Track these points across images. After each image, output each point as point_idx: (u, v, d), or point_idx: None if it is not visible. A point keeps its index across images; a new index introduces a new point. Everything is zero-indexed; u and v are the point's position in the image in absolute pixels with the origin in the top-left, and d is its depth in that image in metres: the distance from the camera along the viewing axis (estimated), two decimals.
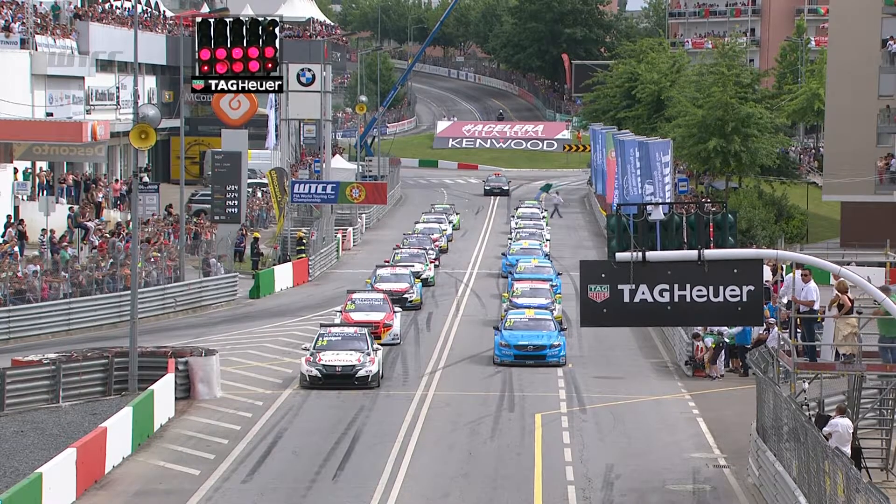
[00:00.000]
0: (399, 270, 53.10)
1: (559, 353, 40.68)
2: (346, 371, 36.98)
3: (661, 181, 57.17)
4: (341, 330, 38.76)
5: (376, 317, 44.16)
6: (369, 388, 36.79)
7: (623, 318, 25.26)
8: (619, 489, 28.08)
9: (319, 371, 37.02)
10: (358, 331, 38.50)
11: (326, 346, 37.80)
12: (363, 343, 37.93)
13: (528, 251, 62.36)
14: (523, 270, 54.31)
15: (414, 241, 65.02)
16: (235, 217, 60.70)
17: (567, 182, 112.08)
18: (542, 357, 40.50)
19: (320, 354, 37.49)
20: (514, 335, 41.04)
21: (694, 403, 36.70)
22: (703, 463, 30.42)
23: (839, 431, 25.21)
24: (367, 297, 45.75)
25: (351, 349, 37.58)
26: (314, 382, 36.94)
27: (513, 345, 40.64)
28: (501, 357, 40.62)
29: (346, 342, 37.95)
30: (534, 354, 40.47)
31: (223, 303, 54.42)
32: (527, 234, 68.89)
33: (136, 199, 40.41)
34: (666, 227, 25.19)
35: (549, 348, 40.65)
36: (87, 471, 27.50)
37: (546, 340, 40.84)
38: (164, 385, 33.97)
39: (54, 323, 46.77)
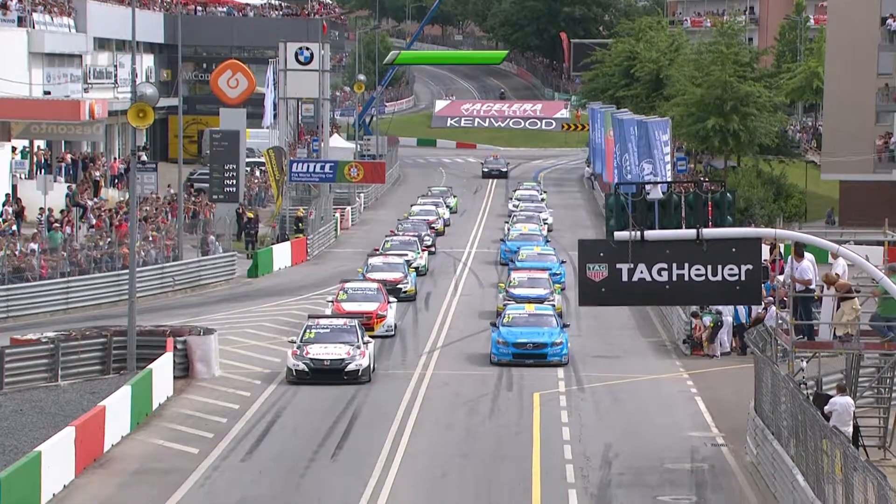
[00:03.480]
0: (392, 259, 50.36)
1: (561, 351, 38.08)
2: (335, 365, 35.14)
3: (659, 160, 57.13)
4: (330, 322, 36.91)
5: (370, 307, 42.08)
6: (359, 384, 34.98)
7: (621, 297, 25.28)
8: (618, 468, 28.15)
9: (307, 365, 35.18)
10: (348, 323, 36.69)
11: (314, 339, 35.94)
12: (353, 336, 36.03)
13: (529, 237, 59.39)
14: (525, 258, 51.57)
15: (409, 227, 62.98)
16: (234, 196, 60.65)
17: (565, 161, 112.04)
18: (543, 356, 37.88)
19: (308, 347, 35.62)
20: (513, 332, 38.29)
21: (692, 382, 36.76)
22: (701, 442, 30.48)
23: (838, 410, 25.25)
24: (361, 287, 43.79)
25: (340, 342, 35.74)
26: (301, 377, 35.13)
27: (511, 342, 38.04)
28: (499, 356, 38.01)
29: (335, 335, 36.04)
30: (533, 353, 37.89)
31: (222, 282, 54.42)
32: (524, 218, 66.46)
33: (134, 178, 40.38)
34: (664, 206, 25.17)
35: (550, 346, 38.04)
36: (86, 449, 27.56)
37: (547, 338, 38.18)
38: (163, 364, 34.01)
39: (53, 302, 46.79)
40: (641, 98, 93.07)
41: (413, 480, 27.08)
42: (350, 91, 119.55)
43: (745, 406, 30.12)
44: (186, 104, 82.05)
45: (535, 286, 45.33)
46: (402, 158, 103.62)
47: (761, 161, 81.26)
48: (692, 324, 40.52)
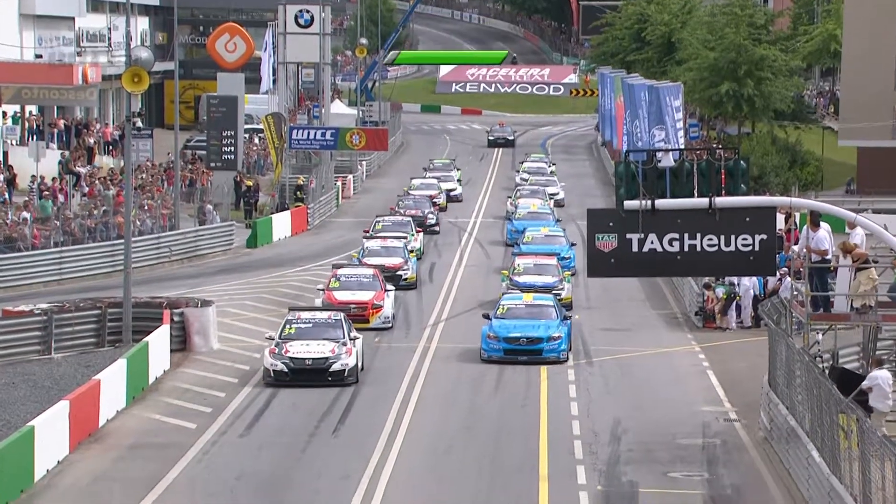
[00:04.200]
0: (391, 243, 46.72)
1: (559, 346, 35.24)
2: (318, 365, 32.30)
3: (671, 127, 57.08)
4: (312, 316, 34.02)
5: (364, 296, 39.32)
6: (346, 385, 32.30)
7: (631, 268, 25.31)
8: (627, 443, 28.23)
9: (286, 365, 32.32)
10: (332, 316, 33.90)
11: (295, 335, 33.08)
12: (338, 331, 33.25)
13: (538, 215, 55.92)
14: (531, 241, 48.51)
15: (410, 204, 59.75)
16: (232, 164, 60.64)
17: (574, 128, 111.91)
18: (538, 352, 35.03)
19: (287, 345, 32.76)
20: (505, 325, 35.48)
21: (704, 356, 36.83)
22: (713, 417, 30.56)
23: (879, 384, 25.11)
24: (355, 274, 40.74)
25: (324, 338, 32.91)
26: (280, 378, 32.29)
27: (502, 337, 35.22)
28: (489, 352, 35.23)
29: (319, 330, 33.25)
30: (527, 349, 35.01)
31: (220, 252, 54.48)
32: (528, 192, 63.63)
33: (129, 145, 40.38)
34: (676, 174, 25.17)
35: (546, 341, 35.15)
36: (81, 424, 27.66)
37: (543, 332, 35.26)
38: (159, 337, 34.09)
39: (46, 272, 46.87)
40: (653, 62, 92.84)
41: (416, 456, 27.17)
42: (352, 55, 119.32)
43: (759, 380, 30.18)
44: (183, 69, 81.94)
45: (543, 273, 42.33)
46: (405, 125, 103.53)
47: (776, 127, 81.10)
48: (704, 296, 40.56)
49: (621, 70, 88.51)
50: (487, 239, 57.89)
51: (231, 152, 60.17)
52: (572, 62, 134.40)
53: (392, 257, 45.60)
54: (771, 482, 25.64)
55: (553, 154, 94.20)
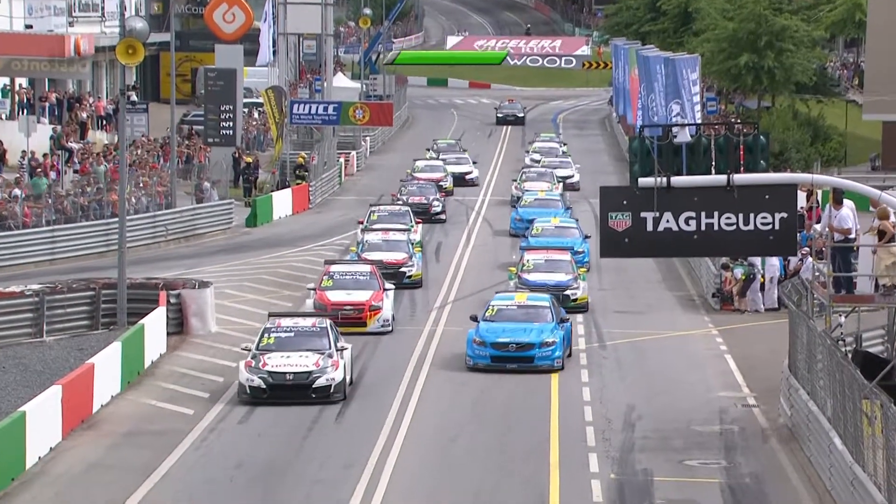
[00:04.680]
0: (393, 236, 43.94)
1: (553, 353, 32.71)
2: (300, 380, 29.60)
3: (688, 100, 56.99)
4: (294, 323, 31.06)
5: (361, 297, 36.71)
6: (332, 403, 29.63)
7: (646, 248, 25.32)
8: (641, 430, 28.26)
9: (263, 380, 29.58)
10: (317, 324, 31.07)
11: (274, 346, 30.38)
12: (324, 340, 30.49)
13: (546, 202, 53.17)
14: (540, 233, 45.52)
15: (414, 190, 57.26)
16: (230, 139, 60.62)
17: (586, 102, 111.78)
18: (529, 360, 32.66)
19: (265, 357, 29.99)
20: (494, 329, 33.02)
21: (722, 339, 36.84)
22: (731, 402, 30.58)
23: None
24: (350, 271, 38.21)
25: (307, 349, 30.17)
26: (257, 396, 29.60)
27: (489, 342, 32.79)
28: (475, 359, 32.84)
29: (301, 340, 30.48)
30: (516, 356, 32.66)
31: (218, 231, 54.52)
32: (535, 175, 61.48)
33: (123, 120, 40.40)
34: (693, 150, 25.16)
35: (538, 347, 32.66)
36: (74, 410, 27.72)
37: (535, 337, 32.76)
38: (155, 319, 34.14)
39: (37, 252, 46.92)
40: (669, 33, 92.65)
41: (422, 444, 27.20)
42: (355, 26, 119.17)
43: (779, 364, 30.18)
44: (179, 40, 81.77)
45: (555, 270, 39.61)
46: (410, 99, 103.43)
47: (798, 101, 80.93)
48: (722, 276, 40.55)
49: (636, 41, 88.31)
50: (495, 218, 57.85)
51: (230, 127, 60.12)
52: (585, 33, 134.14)
53: (394, 252, 42.79)
54: (791, 471, 25.66)
55: (564, 129, 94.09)
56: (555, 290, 37.70)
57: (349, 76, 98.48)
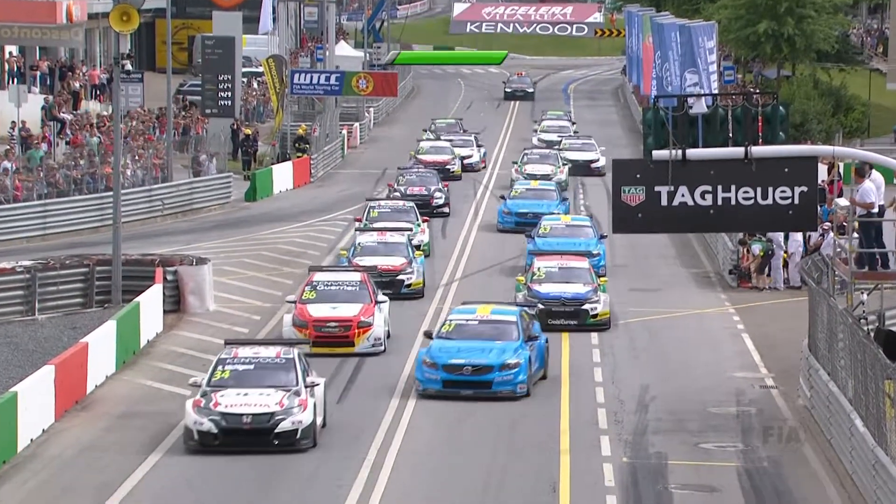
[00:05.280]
0: (391, 238, 39.37)
1: (516, 377, 28.79)
2: (260, 423, 25.19)
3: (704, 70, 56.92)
4: (255, 353, 26.44)
5: (348, 311, 32.55)
6: (299, 451, 25.25)
7: (660, 223, 25.34)
8: (655, 412, 28.30)
9: (215, 423, 25.19)
10: (282, 354, 26.33)
11: (229, 381, 25.88)
12: (290, 375, 25.97)
13: (540, 194, 49.41)
14: (548, 233, 41.65)
15: (414, 179, 52.81)
16: (229, 110, 60.66)
17: (598, 71, 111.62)
18: (486, 384, 28.67)
19: (218, 395, 25.49)
20: (448, 349, 29.12)
21: (739, 318, 36.87)
22: (748, 383, 30.62)
23: None
24: (337, 280, 33.87)
25: (269, 385, 25.73)
26: (206, 442, 25.24)
27: (441, 364, 28.78)
28: (424, 383, 28.91)
29: (262, 374, 26.06)
30: (472, 380, 28.70)
31: (216, 206, 54.57)
32: (538, 157, 58.86)
33: (117, 90, 40.41)
34: (709, 121, 25.15)
35: (497, 370, 28.69)
36: (67, 390, 27.79)
37: (495, 358, 28.83)
38: (151, 297, 34.19)
39: (28, 227, 46.99)
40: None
41: (428, 426, 27.22)
42: None
43: (798, 344, 30.21)
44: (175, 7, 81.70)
45: (571, 279, 35.46)
46: (416, 69, 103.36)
47: (819, 69, 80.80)
48: (739, 253, 40.56)
49: (650, 8, 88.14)
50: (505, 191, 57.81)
51: (228, 98, 60.13)
52: (597, 0, 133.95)
53: (392, 256, 38.48)
54: (811, 454, 25.70)
55: (576, 100, 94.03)
56: (571, 304, 34.74)
57: (352, 44, 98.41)
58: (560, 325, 34.30)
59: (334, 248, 46.06)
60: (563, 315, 34.55)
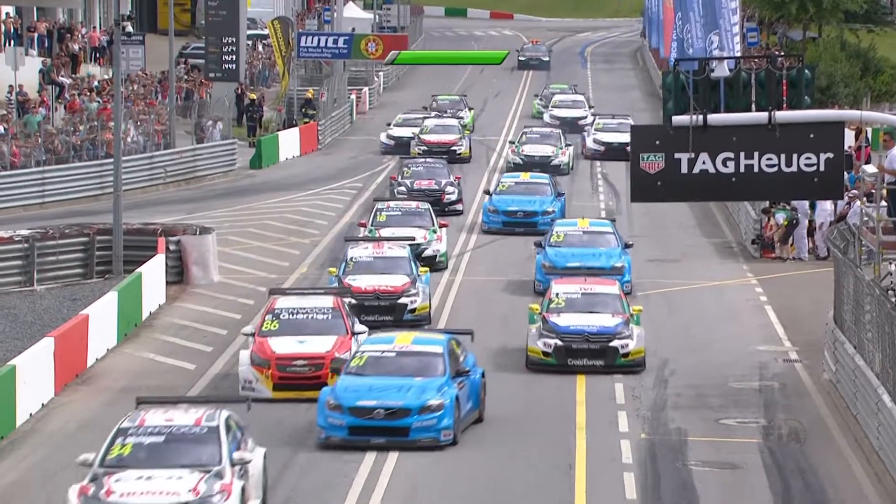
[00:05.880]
0: (389, 251, 33.40)
1: (439, 422, 24.30)
2: None
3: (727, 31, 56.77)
4: (166, 421, 20.71)
5: (319, 346, 27.20)
6: None
7: (680, 191, 25.35)
8: (674, 387, 28.35)
9: None
10: (203, 421, 20.65)
11: (129, 459, 20.36)
12: (211, 449, 20.40)
13: (531, 188, 43.75)
14: (562, 242, 35.83)
15: (421, 171, 46.87)
16: (233, 74, 60.61)
17: (616, 33, 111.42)
18: (402, 431, 24.24)
19: (112, 480, 20.03)
20: (356, 388, 24.62)
21: (762, 289, 36.89)
22: (771, 357, 30.66)
23: None
24: (304, 307, 28.13)
25: (181, 464, 20.23)
26: None
27: (347, 407, 24.26)
28: (327, 430, 24.48)
29: (174, 449, 20.49)
30: (384, 426, 24.27)
31: (220, 173, 54.64)
32: (538, 137, 54.53)
33: (118, 53, 40.41)
34: (731, 85, 25.12)
35: (416, 414, 24.22)
36: (67, 364, 27.90)
37: (413, 398, 24.42)
38: (154, 267, 34.28)
39: (26, 194, 47.09)
40: None
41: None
42: None
43: (823, 316, 30.23)
44: None
45: (596, 308, 29.73)
46: (427, 31, 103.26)
47: (846, 31, 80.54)
48: (762, 222, 40.55)
49: None
50: None
51: (233, 61, 60.08)
52: None
53: (391, 274, 32.53)
54: (836, 430, 25.74)
55: (593, 63, 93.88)
56: (597, 340, 29.03)
57: (361, 6, 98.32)
58: (583, 367, 28.96)
59: (341, 217, 46.11)
60: (587, 353, 29.00)
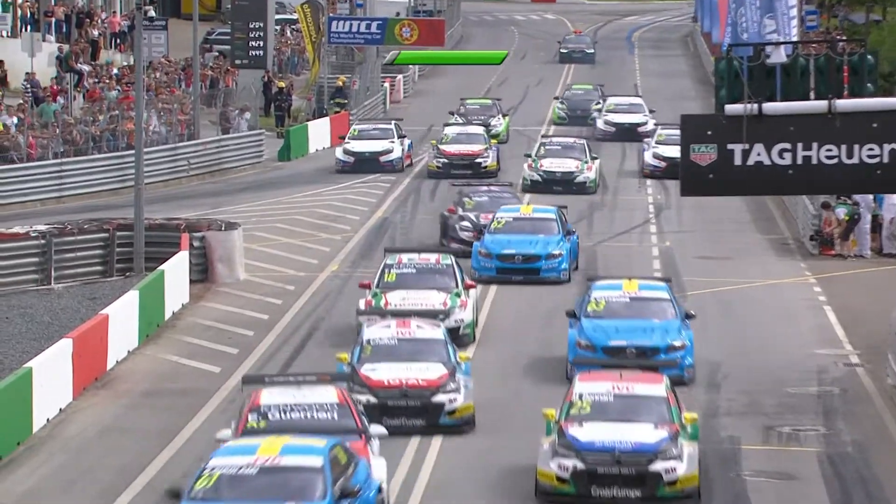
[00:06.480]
0: (419, 330, 26.11)
1: None
2: None
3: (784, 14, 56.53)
4: None
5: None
6: None
7: (733, 184, 25.28)
8: (727, 392, 28.29)
9: None
10: None
11: None
12: None
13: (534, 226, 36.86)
14: (602, 312, 28.75)
15: (485, 202, 39.46)
16: (261, 61, 60.81)
17: (666, 17, 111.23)
18: None
19: None
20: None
21: (820, 289, 36.78)
22: (830, 361, 30.56)
23: None
24: (298, 404, 21.86)
25: None
26: None
27: None
28: None
29: None
30: None
31: (247, 166, 54.78)
32: (559, 148, 49.41)
33: (139, 38, 40.55)
34: (789, 71, 25.04)
35: None
36: (86, 366, 27.99)
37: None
38: (177, 265, 34.38)
39: (43, 188, 47.29)
40: None
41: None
42: None
43: (886, 317, 30.12)
44: None
45: (634, 415, 22.53)
46: (465, 15, 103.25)
47: None
48: (821, 217, 40.43)
49: None
50: None
51: (260, 48, 60.27)
52: None
53: (422, 362, 25.43)
54: None
55: (640, 49, 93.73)
56: (631, 461, 21.84)
57: None
58: (612, 500, 21.89)
59: (374, 213, 46.14)
60: (618, 480, 21.87)
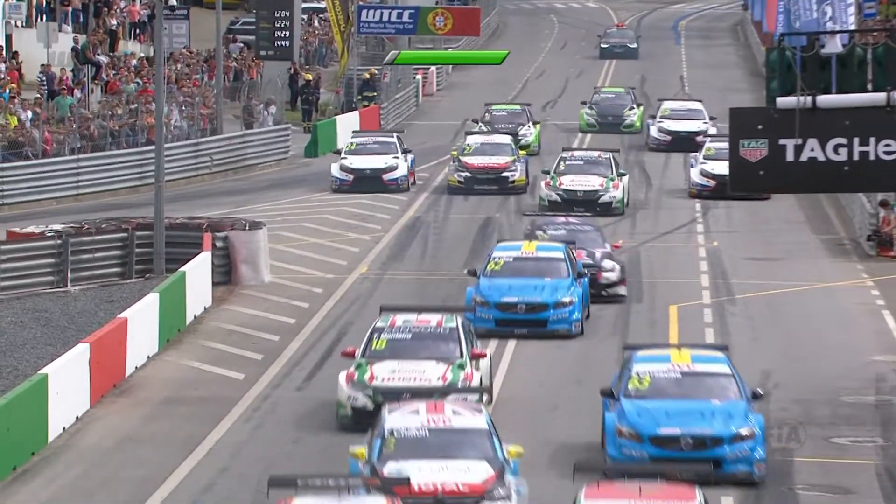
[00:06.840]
0: (455, 417, 21.72)
1: None
2: None
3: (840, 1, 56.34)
4: None
5: None
6: None
7: (785, 181, 25.21)
8: (779, 401, 28.19)
9: None
10: None
11: None
12: None
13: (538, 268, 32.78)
14: (644, 391, 24.16)
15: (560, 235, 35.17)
16: (287, 52, 60.87)
17: (714, 5, 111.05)
18: None
19: None
20: None
21: (878, 292, 36.68)
22: (889, 368, 30.47)
23: None
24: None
25: None
26: None
27: None
28: None
29: None
30: None
31: (272, 162, 54.85)
32: (582, 164, 45.67)
33: (160, 29, 40.61)
34: (844, 62, 24.94)
35: None
36: (104, 372, 28.04)
37: None
38: (199, 266, 34.41)
39: (59, 185, 47.44)
40: None
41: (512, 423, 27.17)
42: None
43: None
44: None
45: None
46: (501, 3, 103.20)
47: None
48: (879, 216, 40.31)
49: None
50: None
51: (286, 38, 60.35)
52: None
53: (462, 459, 21.09)
54: None
55: (687, 39, 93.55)
56: None
57: None
58: None
59: (405, 211, 46.11)
60: None
